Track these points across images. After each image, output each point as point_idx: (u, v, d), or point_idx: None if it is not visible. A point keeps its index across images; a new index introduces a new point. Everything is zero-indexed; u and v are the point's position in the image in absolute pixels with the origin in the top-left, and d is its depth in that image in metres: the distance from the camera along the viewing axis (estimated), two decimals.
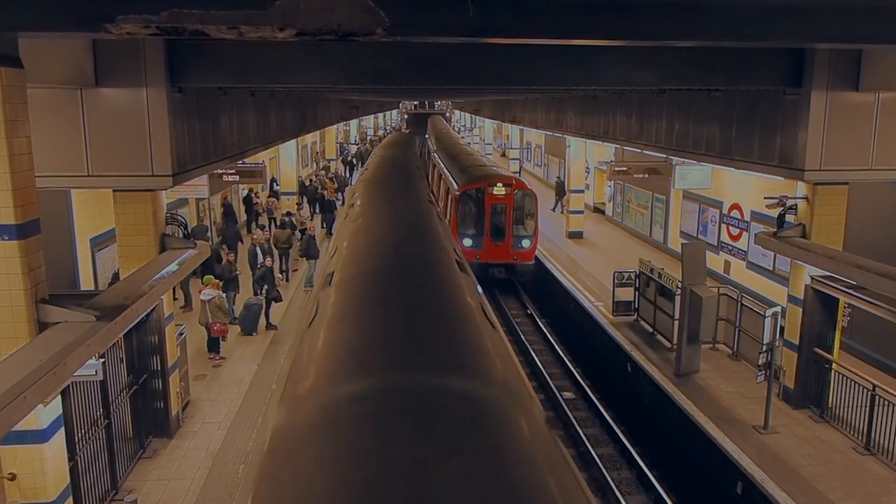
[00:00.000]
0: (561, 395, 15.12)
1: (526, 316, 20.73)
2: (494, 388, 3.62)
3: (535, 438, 3.21)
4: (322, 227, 27.11)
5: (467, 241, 21.19)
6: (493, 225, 21.34)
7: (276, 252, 20.01)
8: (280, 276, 19.00)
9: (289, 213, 24.63)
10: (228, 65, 10.26)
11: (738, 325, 14.91)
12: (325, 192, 30.42)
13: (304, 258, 20.53)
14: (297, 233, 22.21)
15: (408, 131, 55.61)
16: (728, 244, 20.07)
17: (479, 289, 6.07)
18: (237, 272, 17.39)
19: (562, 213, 31.10)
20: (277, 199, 28.02)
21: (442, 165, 28.52)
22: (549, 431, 3.48)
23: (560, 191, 33.24)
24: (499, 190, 21.25)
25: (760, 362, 11.90)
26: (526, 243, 21.54)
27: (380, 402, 3.21)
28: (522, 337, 18.55)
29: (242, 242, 23.81)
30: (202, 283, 15.44)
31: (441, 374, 3.56)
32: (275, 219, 26.26)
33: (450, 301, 5.06)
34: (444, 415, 3.13)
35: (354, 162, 46.71)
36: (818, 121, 11.07)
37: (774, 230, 12.55)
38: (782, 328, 12.68)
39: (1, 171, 6.87)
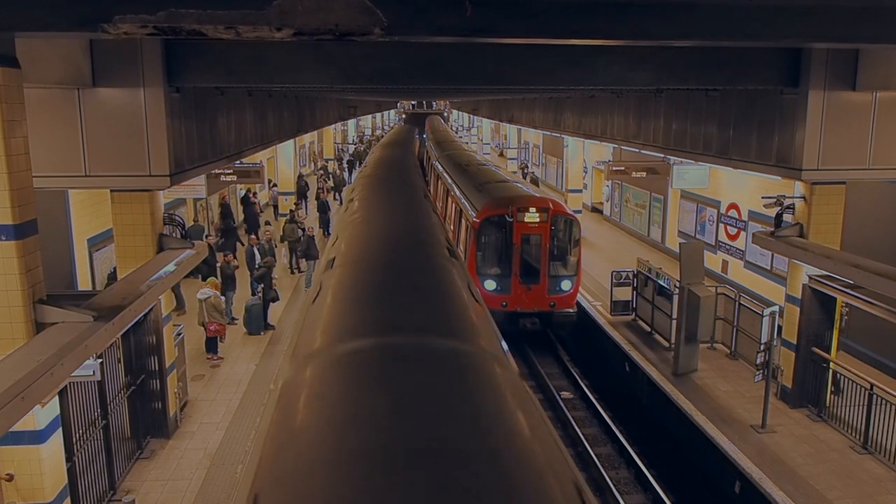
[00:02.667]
0: (559, 395, 15.12)
1: None
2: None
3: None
4: (320, 227, 27.12)
5: (490, 284, 16.50)
6: (524, 262, 16.43)
7: (280, 247, 19.98)
8: (275, 277, 18.99)
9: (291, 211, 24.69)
10: (226, 65, 10.27)
11: (735, 324, 14.92)
12: (321, 193, 30.45)
13: (304, 259, 20.55)
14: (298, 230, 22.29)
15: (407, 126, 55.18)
16: (726, 244, 20.10)
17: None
18: (235, 266, 17.43)
19: None
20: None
21: (449, 180, 23.43)
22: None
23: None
24: (531, 216, 16.27)
25: (758, 362, 11.91)
26: (566, 285, 16.69)
27: None
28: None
29: (260, 227, 24.12)
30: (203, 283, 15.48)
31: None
32: (276, 207, 26.53)
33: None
34: None
35: (353, 160, 46.70)
36: (815, 120, 11.09)
37: (772, 230, 12.57)
38: (780, 328, 12.70)
39: None
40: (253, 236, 20.24)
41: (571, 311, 16.85)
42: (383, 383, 3.60)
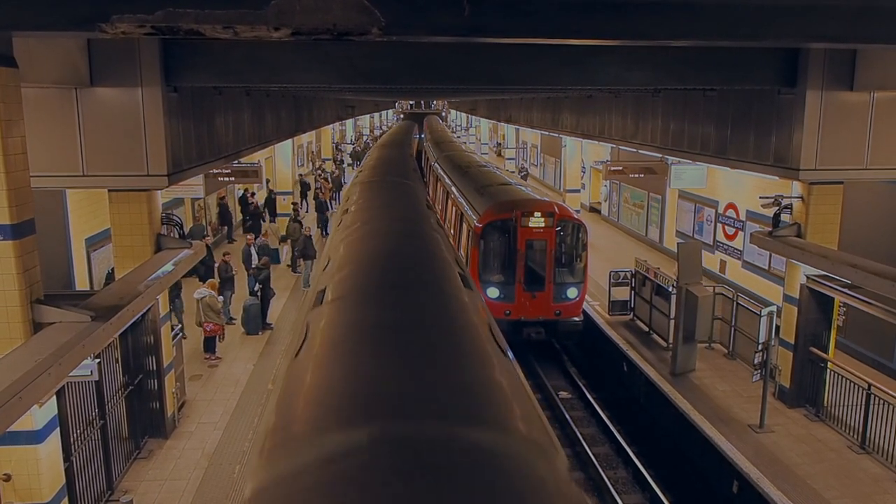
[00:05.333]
0: (557, 395, 15.14)
1: None
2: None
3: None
4: (318, 227, 27.14)
5: (493, 292, 15.87)
6: (528, 269, 15.78)
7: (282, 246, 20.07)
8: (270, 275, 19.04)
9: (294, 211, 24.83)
10: (224, 64, 10.26)
11: (733, 324, 14.94)
12: (320, 194, 30.44)
13: (302, 258, 20.57)
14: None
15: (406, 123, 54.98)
16: (724, 243, 20.11)
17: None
18: (234, 272, 17.42)
19: None
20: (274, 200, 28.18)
21: (448, 182, 22.81)
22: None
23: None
24: (536, 221, 15.62)
25: (756, 361, 11.92)
26: (572, 293, 16.04)
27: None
28: None
29: (274, 222, 24.23)
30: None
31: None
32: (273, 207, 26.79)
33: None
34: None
35: (351, 161, 46.66)
36: (813, 120, 11.10)
37: (770, 229, 12.58)
38: (778, 327, 12.71)
39: None
40: (249, 236, 20.24)
41: (577, 319, 16.22)
42: None
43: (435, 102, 79.33)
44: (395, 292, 5.13)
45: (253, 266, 17.93)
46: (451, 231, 20.25)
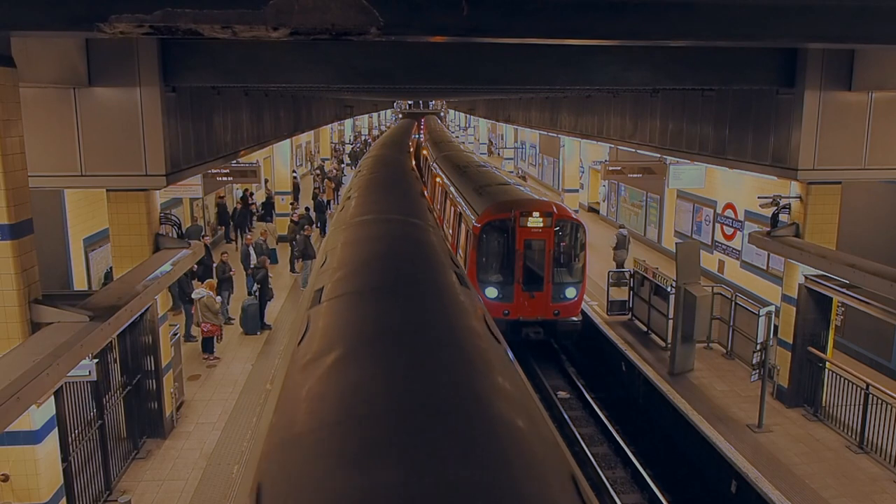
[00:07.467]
0: (556, 395, 15.14)
1: None
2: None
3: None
4: (316, 226, 27.12)
5: (491, 291, 15.89)
6: (527, 269, 15.78)
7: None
8: (270, 276, 19.01)
9: (307, 208, 24.91)
10: (222, 64, 10.25)
11: (732, 324, 14.95)
12: (320, 194, 30.42)
13: (301, 258, 20.57)
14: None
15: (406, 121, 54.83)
16: (722, 243, 20.13)
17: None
18: (231, 272, 17.41)
19: None
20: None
21: (447, 181, 22.86)
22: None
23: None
24: (535, 221, 15.62)
25: (754, 361, 11.93)
26: (571, 292, 16.06)
27: None
28: None
29: (272, 222, 24.36)
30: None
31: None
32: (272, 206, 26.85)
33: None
34: None
35: (350, 161, 46.62)
36: (811, 120, 11.11)
37: (768, 229, 12.59)
38: (776, 327, 12.72)
39: None
40: (248, 235, 20.24)
41: (576, 319, 16.21)
42: None
43: (433, 102, 79.31)
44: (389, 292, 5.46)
45: (251, 266, 17.92)
46: (450, 231, 20.20)
